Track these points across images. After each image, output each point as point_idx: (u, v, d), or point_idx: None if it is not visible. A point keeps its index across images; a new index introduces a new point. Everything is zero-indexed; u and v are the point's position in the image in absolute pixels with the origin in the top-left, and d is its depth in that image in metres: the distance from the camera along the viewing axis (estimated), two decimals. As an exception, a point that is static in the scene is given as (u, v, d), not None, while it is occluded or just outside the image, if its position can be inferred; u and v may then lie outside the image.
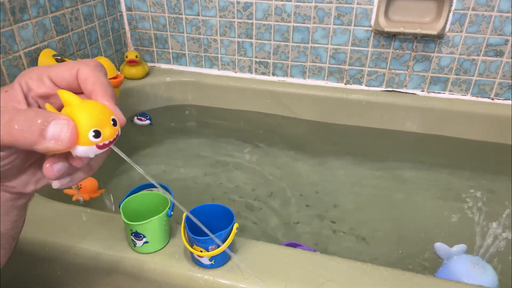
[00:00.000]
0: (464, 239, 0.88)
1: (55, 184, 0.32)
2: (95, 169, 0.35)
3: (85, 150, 0.31)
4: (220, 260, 0.61)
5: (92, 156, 0.31)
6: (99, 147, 0.31)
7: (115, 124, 0.32)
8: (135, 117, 1.30)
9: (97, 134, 0.31)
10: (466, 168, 1.15)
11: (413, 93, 1.25)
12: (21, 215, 0.39)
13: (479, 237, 0.90)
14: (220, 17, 1.27)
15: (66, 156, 0.32)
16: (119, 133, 0.33)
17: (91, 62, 0.33)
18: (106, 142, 0.32)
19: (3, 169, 0.31)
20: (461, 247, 0.78)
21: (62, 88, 0.31)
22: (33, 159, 0.34)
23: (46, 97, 0.33)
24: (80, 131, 0.30)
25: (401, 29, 1.10)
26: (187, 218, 0.60)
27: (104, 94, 0.32)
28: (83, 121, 0.30)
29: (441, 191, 1.07)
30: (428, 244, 0.89)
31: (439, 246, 0.80)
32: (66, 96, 0.30)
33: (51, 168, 0.31)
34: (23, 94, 0.32)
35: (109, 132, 0.31)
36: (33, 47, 0.99)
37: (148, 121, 1.30)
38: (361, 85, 1.28)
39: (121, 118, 0.33)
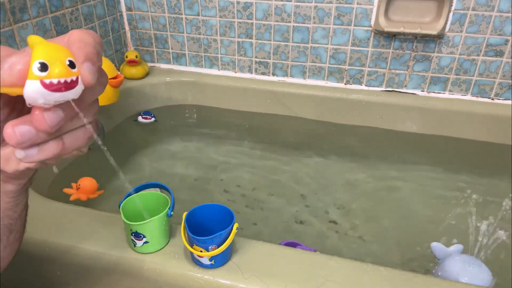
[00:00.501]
0: (463, 239, 0.88)
1: (20, 154, 0.29)
2: (69, 147, 0.31)
3: (31, 85, 0.27)
4: (220, 260, 0.61)
5: (41, 100, 0.28)
6: (45, 86, 0.27)
7: (72, 66, 0.29)
8: (140, 116, 1.30)
9: (44, 67, 0.28)
10: (466, 168, 1.15)
11: (413, 93, 1.25)
12: (14, 204, 0.37)
13: (477, 236, 0.90)
14: (220, 17, 1.27)
15: (30, 120, 0.28)
16: (80, 84, 0.29)
17: (86, 29, 0.31)
18: (55, 81, 0.28)
19: None
20: (458, 247, 0.79)
21: None
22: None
23: None
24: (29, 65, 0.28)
25: (401, 29, 1.10)
26: (187, 218, 0.60)
27: (79, 47, 0.29)
28: (33, 54, 0.28)
29: (441, 190, 1.07)
30: (427, 244, 0.89)
31: (436, 246, 0.80)
32: (32, 38, 0.29)
33: (12, 131, 0.28)
34: None
35: (58, 70, 0.28)
36: (33, 47, 0.99)
37: (153, 119, 1.30)
38: (361, 85, 1.28)
39: (86, 75, 0.29)
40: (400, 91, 1.26)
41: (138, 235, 0.61)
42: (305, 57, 1.27)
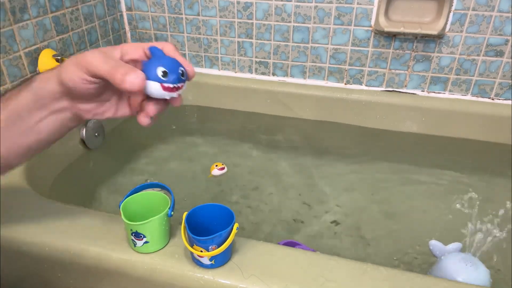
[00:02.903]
0: (463, 238, 0.88)
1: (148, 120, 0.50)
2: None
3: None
4: (220, 260, 0.61)
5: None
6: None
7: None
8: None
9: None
10: (466, 167, 1.15)
11: (413, 93, 1.25)
12: (62, 134, 0.53)
13: (476, 235, 0.90)
14: (220, 17, 1.27)
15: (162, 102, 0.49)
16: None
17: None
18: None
19: (87, 91, 0.47)
20: (456, 245, 0.78)
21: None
22: (108, 93, 0.51)
23: (135, 62, 0.49)
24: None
25: (401, 29, 1.10)
26: (187, 218, 0.60)
27: (175, 50, 0.50)
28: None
29: (440, 190, 1.07)
30: (426, 242, 0.89)
31: (434, 244, 0.80)
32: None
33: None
34: (120, 56, 0.48)
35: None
36: (33, 47, 0.99)
37: None
38: (361, 85, 1.28)
39: (190, 70, 0.49)
40: (400, 91, 1.26)
41: (138, 235, 0.61)
42: (305, 57, 1.27)
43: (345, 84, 1.29)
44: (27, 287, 0.75)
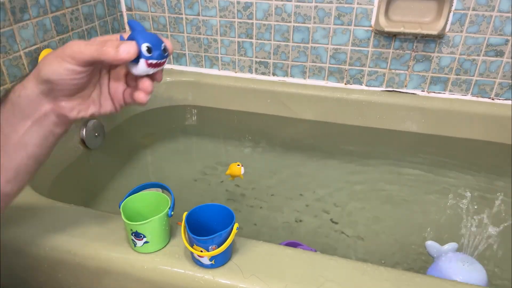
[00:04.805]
0: (463, 238, 0.88)
1: (147, 97, 0.49)
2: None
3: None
4: (220, 260, 0.61)
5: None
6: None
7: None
8: None
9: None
10: (466, 168, 1.15)
11: (413, 93, 1.25)
12: (51, 144, 0.49)
13: (475, 235, 0.90)
14: (220, 17, 1.27)
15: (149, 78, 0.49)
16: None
17: None
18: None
19: (71, 83, 0.44)
20: (452, 245, 0.78)
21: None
22: (90, 88, 0.49)
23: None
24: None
25: (401, 29, 1.10)
26: (188, 218, 0.60)
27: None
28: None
29: (440, 190, 1.07)
30: (425, 243, 0.89)
31: (430, 245, 0.80)
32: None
33: (150, 83, 0.49)
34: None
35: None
36: (33, 47, 0.99)
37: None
38: (361, 85, 1.28)
39: (170, 46, 0.48)
40: (400, 91, 1.26)
41: (138, 235, 0.61)
42: (305, 57, 1.27)
43: (345, 84, 1.29)
44: (27, 287, 0.75)
